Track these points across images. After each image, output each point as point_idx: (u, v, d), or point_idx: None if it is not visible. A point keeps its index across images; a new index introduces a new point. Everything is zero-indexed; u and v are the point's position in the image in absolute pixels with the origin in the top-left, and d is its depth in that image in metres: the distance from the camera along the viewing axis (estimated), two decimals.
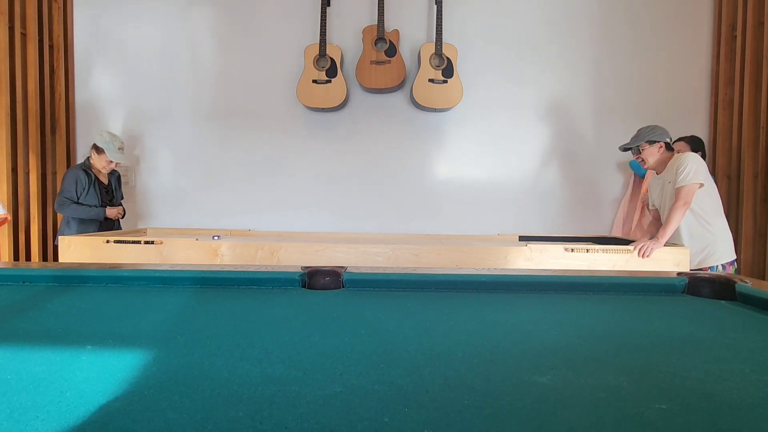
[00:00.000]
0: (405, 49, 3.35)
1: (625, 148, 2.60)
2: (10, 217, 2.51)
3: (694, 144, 2.86)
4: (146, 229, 3.34)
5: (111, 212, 2.96)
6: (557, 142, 3.41)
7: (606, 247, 2.34)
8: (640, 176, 3.18)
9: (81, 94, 3.53)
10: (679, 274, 1.34)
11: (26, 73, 3.15)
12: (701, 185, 2.30)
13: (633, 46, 3.35)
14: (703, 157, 2.77)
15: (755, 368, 0.72)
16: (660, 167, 2.47)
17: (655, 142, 2.43)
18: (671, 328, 0.94)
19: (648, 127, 2.49)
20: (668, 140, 2.44)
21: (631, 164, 3.19)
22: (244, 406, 0.56)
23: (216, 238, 2.58)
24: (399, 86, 3.29)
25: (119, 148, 2.94)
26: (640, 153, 2.47)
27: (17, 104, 3.07)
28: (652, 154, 2.45)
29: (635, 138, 2.50)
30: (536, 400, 0.59)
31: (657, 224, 2.62)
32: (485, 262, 2.28)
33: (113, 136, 2.94)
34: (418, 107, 3.32)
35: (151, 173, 3.54)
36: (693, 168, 2.27)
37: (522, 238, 3.14)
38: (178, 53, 3.49)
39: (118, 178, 3.18)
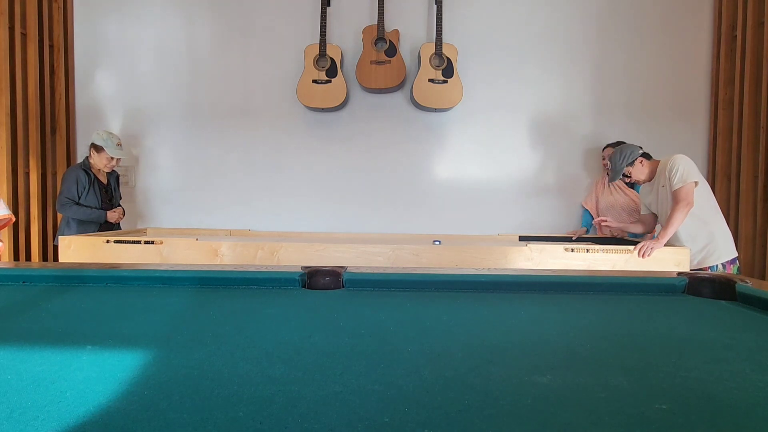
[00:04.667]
0: (405, 49, 3.35)
1: (612, 180, 2.61)
2: (14, 218, 2.50)
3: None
4: (146, 229, 3.34)
5: (112, 216, 2.96)
6: (557, 142, 3.41)
7: (606, 247, 2.34)
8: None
9: (81, 95, 3.53)
10: (679, 274, 1.34)
11: (26, 73, 3.15)
12: (696, 183, 2.31)
13: (633, 47, 3.35)
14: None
15: (755, 368, 0.72)
16: (650, 176, 2.50)
17: (633, 162, 2.45)
18: (671, 328, 0.94)
19: (616, 152, 2.50)
20: (641, 150, 2.47)
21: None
22: (244, 406, 0.56)
23: (437, 242, 2.53)
24: (399, 86, 3.29)
25: (117, 144, 2.94)
26: (629, 177, 2.52)
27: (17, 104, 3.07)
28: (640, 172, 2.50)
29: (615, 171, 2.51)
30: (536, 400, 0.59)
31: (645, 226, 2.64)
32: (485, 262, 2.29)
33: (110, 133, 2.94)
34: (418, 107, 3.32)
35: (151, 173, 3.53)
36: (686, 168, 2.29)
37: (522, 238, 3.14)
38: (178, 53, 3.49)
39: (117, 178, 3.18)
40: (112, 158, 2.92)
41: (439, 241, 2.73)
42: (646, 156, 2.49)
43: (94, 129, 3.46)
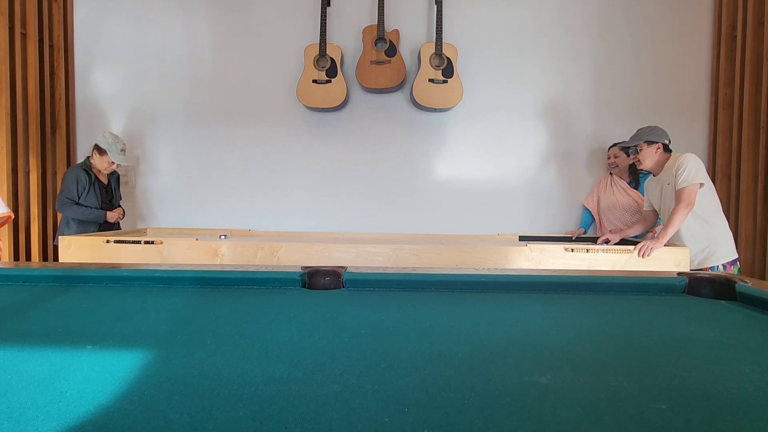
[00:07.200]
0: (405, 49, 3.35)
1: (623, 147, 2.60)
2: (13, 215, 2.50)
3: (626, 150, 2.86)
4: (146, 229, 3.34)
5: (112, 216, 2.96)
6: (557, 142, 3.41)
7: (606, 247, 2.34)
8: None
9: (81, 94, 3.53)
10: (679, 274, 1.34)
11: (26, 73, 3.15)
12: (701, 185, 2.30)
13: (633, 46, 3.35)
14: None
15: (755, 368, 0.72)
16: (657, 169, 2.48)
17: (653, 142, 2.43)
18: (671, 328, 0.94)
19: (648, 127, 2.49)
20: (667, 142, 2.44)
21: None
22: (244, 406, 0.56)
23: (223, 237, 2.61)
24: (399, 86, 3.29)
25: (121, 150, 2.94)
26: (638, 153, 2.47)
27: (17, 104, 3.07)
28: (650, 155, 2.45)
29: (634, 138, 2.50)
30: (536, 400, 0.59)
31: (645, 224, 2.64)
32: (485, 262, 2.29)
33: (115, 137, 2.94)
34: (418, 107, 3.32)
35: (151, 173, 3.54)
36: (693, 168, 2.27)
37: (522, 238, 3.14)
38: (178, 53, 3.49)
39: (117, 178, 3.18)
40: (113, 162, 2.92)
41: (225, 236, 2.75)
42: (667, 149, 2.45)
43: (95, 129, 3.47)
